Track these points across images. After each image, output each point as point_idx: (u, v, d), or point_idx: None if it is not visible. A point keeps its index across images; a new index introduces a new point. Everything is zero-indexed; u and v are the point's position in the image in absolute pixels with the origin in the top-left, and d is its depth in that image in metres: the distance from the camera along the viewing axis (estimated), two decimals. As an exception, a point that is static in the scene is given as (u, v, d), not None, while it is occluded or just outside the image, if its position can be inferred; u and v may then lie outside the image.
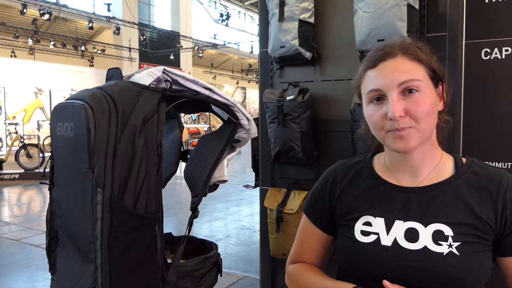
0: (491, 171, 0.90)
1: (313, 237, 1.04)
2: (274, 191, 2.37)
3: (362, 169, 1.00)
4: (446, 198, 0.88)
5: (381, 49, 0.90)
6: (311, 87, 2.24)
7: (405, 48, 0.89)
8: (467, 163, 0.93)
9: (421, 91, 0.85)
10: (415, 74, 0.86)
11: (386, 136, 0.88)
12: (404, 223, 0.88)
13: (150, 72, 1.03)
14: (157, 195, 1.02)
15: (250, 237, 4.84)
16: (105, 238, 0.93)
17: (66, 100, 1.05)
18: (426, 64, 0.89)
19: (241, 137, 1.21)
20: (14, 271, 3.71)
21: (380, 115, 0.87)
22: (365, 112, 0.92)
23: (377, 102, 0.88)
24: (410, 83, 0.85)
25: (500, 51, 2.09)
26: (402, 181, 0.93)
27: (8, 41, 16.40)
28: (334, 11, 2.24)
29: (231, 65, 28.33)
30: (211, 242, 1.31)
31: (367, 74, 0.91)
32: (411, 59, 0.88)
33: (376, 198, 0.94)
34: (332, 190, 1.01)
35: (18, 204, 6.96)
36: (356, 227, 0.93)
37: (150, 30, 21.04)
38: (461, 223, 0.85)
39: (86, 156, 0.93)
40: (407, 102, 0.85)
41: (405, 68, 0.86)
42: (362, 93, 0.93)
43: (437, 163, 0.93)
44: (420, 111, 0.84)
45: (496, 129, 2.10)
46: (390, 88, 0.85)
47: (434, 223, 0.86)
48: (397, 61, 0.87)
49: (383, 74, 0.87)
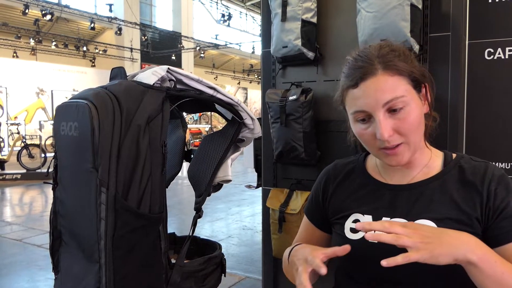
0: (477, 165, 0.91)
1: (312, 235, 1.08)
2: (276, 191, 2.36)
3: (354, 168, 1.03)
4: (433, 194, 0.89)
5: (359, 66, 0.87)
6: (314, 87, 2.24)
7: (384, 61, 0.86)
8: (455, 159, 0.94)
9: (406, 105, 0.85)
10: (398, 91, 0.84)
11: (378, 153, 0.90)
12: (391, 220, 0.89)
13: (154, 71, 1.03)
14: (161, 195, 1.02)
15: (252, 237, 4.83)
16: (109, 238, 0.93)
17: (70, 99, 1.04)
18: (407, 75, 0.87)
19: (245, 136, 1.21)
20: (16, 271, 3.71)
21: (369, 135, 0.87)
22: (353, 130, 0.93)
23: (363, 121, 0.88)
24: (395, 102, 0.84)
25: (503, 51, 2.09)
26: (392, 179, 0.96)
27: (10, 42, 16.43)
28: (337, 11, 2.24)
29: (232, 66, 28.34)
30: (214, 242, 1.31)
31: (348, 93, 0.89)
32: (392, 74, 0.85)
33: (365, 196, 0.96)
34: (325, 189, 1.04)
35: (20, 204, 6.97)
36: (346, 225, 0.95)
37: (151, 30, 21.07)
38: (446, 218, 0.86)
39: (90, 156, 0.93)
40: (394, 119, 0.85)
41: (387, 86, 0.84)
42: (347, 111, 0.92)
43: (426, 162, 0.94)
44: (408, 127, 0.85)
45: (499, 129, 2.10)
46: (376, 109, 0.84)
47: (419, 219, 0.87)
48: (378, 79, 0.85)
49: (366, 95, 0.85)
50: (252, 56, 24.82)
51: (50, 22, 15.83)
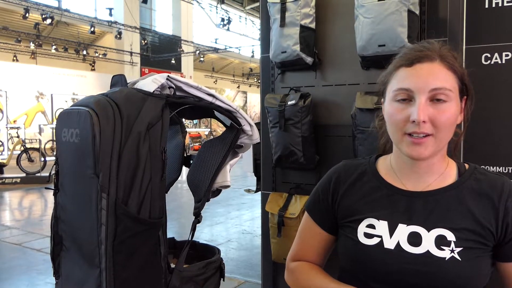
0: (493, 178, 0.91)
1: (315, 236, 1.04)
2: (275, 195, 2.37)
3: (366, 170, 1.00)
4: (449, 204, 0.89)
5: (419, 50, 0.90)
6: (312, 92, 2.25)
7: (443, 55, 0.89)
8: (469, 170, 0.94)
9: (449, 101, 0.85)
10: (448, 83, 0.86)
11: (403, 139, 0.88)
12: (407, 227, 0.89)
13: (154, 79, 1.05)
14: (160, 201, 1.03)
15: (251, 241, 4.83)
16: (109, 243, 0.94)
17: (71, 106, 1.06)
18: (459, 76, 0.89)
19: (243, 142, 1.22)
20: (15, 275, 3.71)
21: (403, 116, 0.86)
22: (386, 109, 0.92)
23: (402, 101, 0.87)
24: (442, 91, 0.85)
25: (500, 56, 2.10)
26: (406, 185, 0.93)
27: (10, 45, 16.47)
28: (335, 16, 2.26)
29: (232, 69, 28.38)
30: (213, 247, 1.32)
31: (399, 71, 0.90)
32: (447, 67, 0.87)
33: (379, 201, 0.94)
34: (335, 190, 1.01)
35: (20, 208, 6.96)
36: (359, 229, 0.93)
37: (151, 34, 21.12)
38: (463, 229, 0.86)
39: (91, 162, 0.94)
40: (433, 109, 0.84)
41: (440, 75, 0.86)
42: (388, 89, 0.92)
43: (442, 171, 0.93)
44: (443, 120, 0.85)
45: (497, 134, 2.11)
46: (421, 91, 0.85)
47: (437, 228, 0.86)
48: (434, 65, 0.87)
49: (418, 75, 0.86)
50: (251, 60, 24.84)
51: (50, 26, 15.88)
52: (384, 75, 0.96)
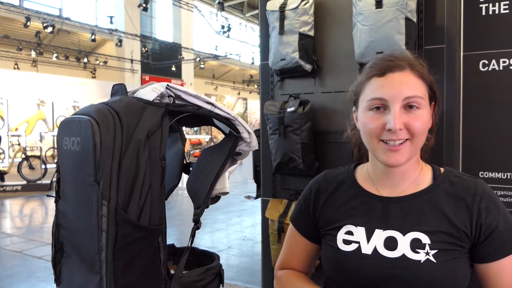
0: (467, 181, 0.94)
1: (299, 245, 1.08)
2: (275, 202, 2.38)
3: (345, 179, 1.04)
4: (424, 207, 0.91)
5: (389, 59, 0.93)
6: (312, 99, 2.27)
7: (412, 64, 0.92)
8: (444, 173, 0.96)
9: (421, 108, 0.89)
10: (419, 91, 0.89)
11: (378, 146, 0.90)
12: (384, 232, 0.91)
13: (154, 88, 1.06)
14: (160, 207, 1.04)
15: (252, 248, 4.83)
16: (110, 250, 0.95)
17: (73, 115, 1.07)
18: (428, 83, 0.92)
19: (242, 150, 1.24)
20: (16, 283, 3.71)
21: (378, 124, 0.89)
22: (361, 118, 0.94)
23: (377, 110, 0.90)
24: (415, 99, 0.88)
25: (497, 62, 2.13)
26: (382, 191, 0.96)
27: (12, 53, 16.57)
28: (334, 24, 2.28)
29: (232, 76, 28.48)
30: (213, 253, 1.32)
31: (372, 81, 0.93)
32: (417, 76, 0.91)
33: (357, 208, 0.97)
34: (316, 201, 1.04)
35: (20, 216, 6.97)
36: (338, 236, 0.96)
37: (152, 42, 21.23)
38: (438, 231, 0.88)
39: (92, 170, 0.96)
40: (407, 116, 0.88)
41: (412, 83, 0.89)
42: (361, 99, 0.95)
43: (417, 175, 0.96)
44: (418, 126, 0.88)
45: (495, 140, 2.12)
46: (395, 100, 0.88)
47: (412, 232, 0.89)
48: (405, 74, 0.90)
49: (390, 85, 0.89)
50: (251, 66, 24.96)
51: (51, 34, 15.97)
52: (356, 85, 0.99)
